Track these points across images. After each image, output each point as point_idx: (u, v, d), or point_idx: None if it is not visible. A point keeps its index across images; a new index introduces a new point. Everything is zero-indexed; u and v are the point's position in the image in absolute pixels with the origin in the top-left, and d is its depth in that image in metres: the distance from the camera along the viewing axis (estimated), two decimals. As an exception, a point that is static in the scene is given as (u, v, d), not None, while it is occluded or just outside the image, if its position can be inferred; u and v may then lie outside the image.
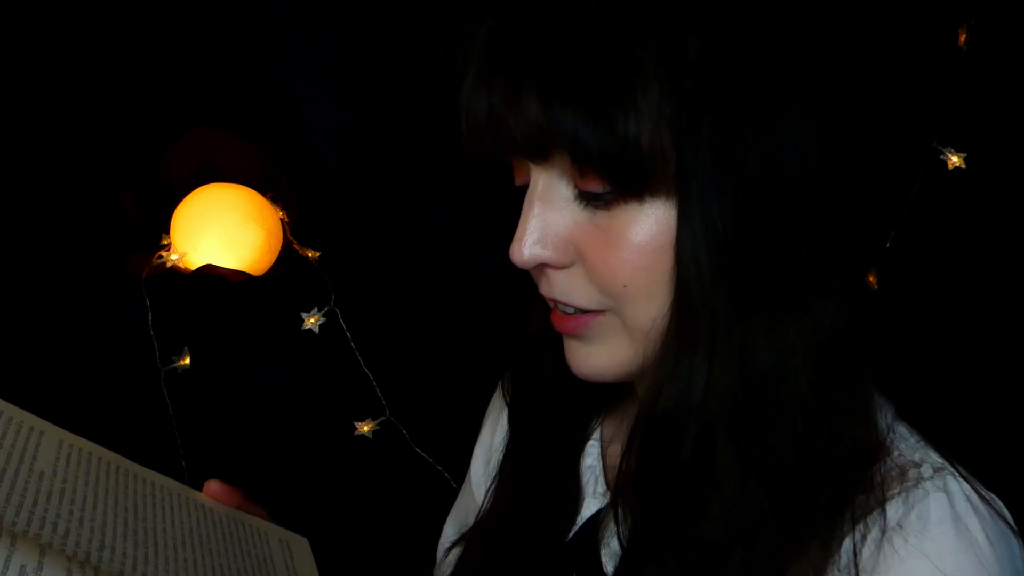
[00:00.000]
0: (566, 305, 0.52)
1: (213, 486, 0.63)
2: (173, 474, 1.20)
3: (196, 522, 0.57)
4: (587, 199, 0.49)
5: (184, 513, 0.57)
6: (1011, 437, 1.21)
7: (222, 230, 1.14)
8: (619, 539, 0.52)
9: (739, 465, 0.48)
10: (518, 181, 0.53)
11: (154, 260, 1.15)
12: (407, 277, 1.25)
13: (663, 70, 0.45)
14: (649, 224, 0.48)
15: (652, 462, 0.51)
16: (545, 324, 0.55)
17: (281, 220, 1.20)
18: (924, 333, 1.21)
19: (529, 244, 0.50)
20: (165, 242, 1.16)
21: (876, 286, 1.22)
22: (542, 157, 0.49)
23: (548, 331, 0.56)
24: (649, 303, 0.49)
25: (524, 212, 0.51)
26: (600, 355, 0.53)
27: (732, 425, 0.48)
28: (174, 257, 1.15)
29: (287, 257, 1.21)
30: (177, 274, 1.15)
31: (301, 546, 0.64)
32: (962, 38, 1.17)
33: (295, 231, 1.21)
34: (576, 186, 0.49)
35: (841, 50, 0.48)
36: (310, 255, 1.22)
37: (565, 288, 0.52)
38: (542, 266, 0.52)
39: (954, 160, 1.18)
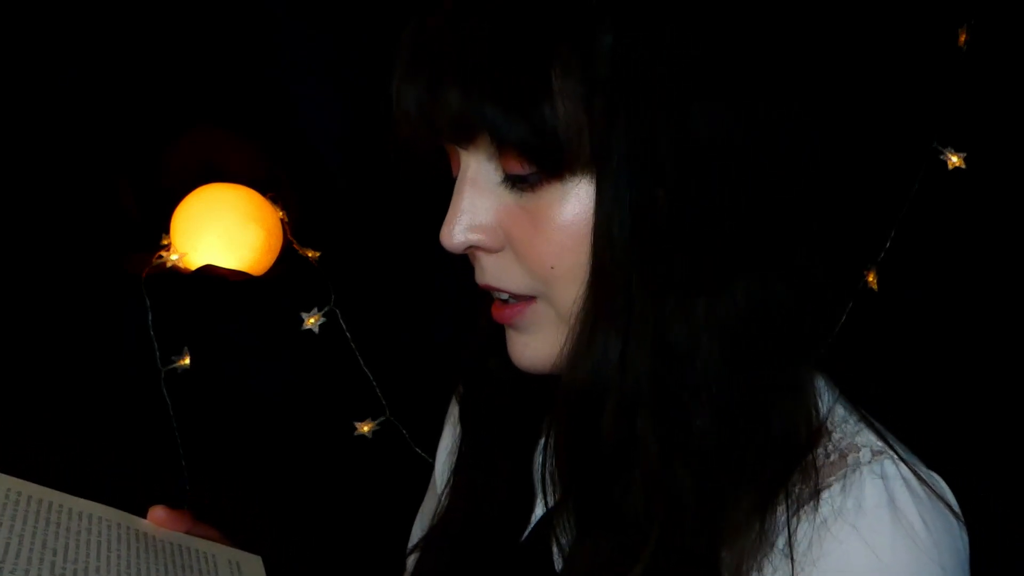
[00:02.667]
0: (499, 291, 0.53)
1: (158, 512, 0.61)
2: (173, 474, 1.21)
3: (135, 554, 0.55)
4: (513, 182, 0.50)
5: (123, 546, 0.55)
6: (1011, 436, 1.21)
7: (222, 230, 1.14)
8: (565, 536, 0.53)
9: (659, 441, 0.48)
10: (455, 172, 0.54)
11: (154, 260, 1.15)
12: (407, 277, 1.25)
13: (577, 56, 0.46)
14: (571, 204, 0.49)
15: (573, 438, 0.51)
16: (494, 323, 0.56)
17: (281, 220, 1.20)
18: (924, 333, 1.21)
19: (459, 229, 0.52)
20: (165, 242, 1.16)
21: (876, 286, 1.22)
22: (467, 142, 0.50)
23: (497, 330, 0.56)
24: (576, 285, 0.50)
25: (454, 197, 0.52)
26: (537, 345, 0.54)
27: (650, 401, 0.48)
28: (174, 257, 1.15)
29: (287, 257, 1.21)
30: (177, 274, 1.15)
31: (252, 566, 0.62)
32: (962, 38, 1.17)
33: (295, 231, 1.21)
34: (503, 170, 0.50)
35: (753, 36, 0.48)
36: (310, 255, 1.22)
37: (497, 273, 0.53)
38: (473, 250, 0.53)
39: (954, 160, 1.18)
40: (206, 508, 1.16)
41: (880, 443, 0.51)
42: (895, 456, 0.50)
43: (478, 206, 0.51)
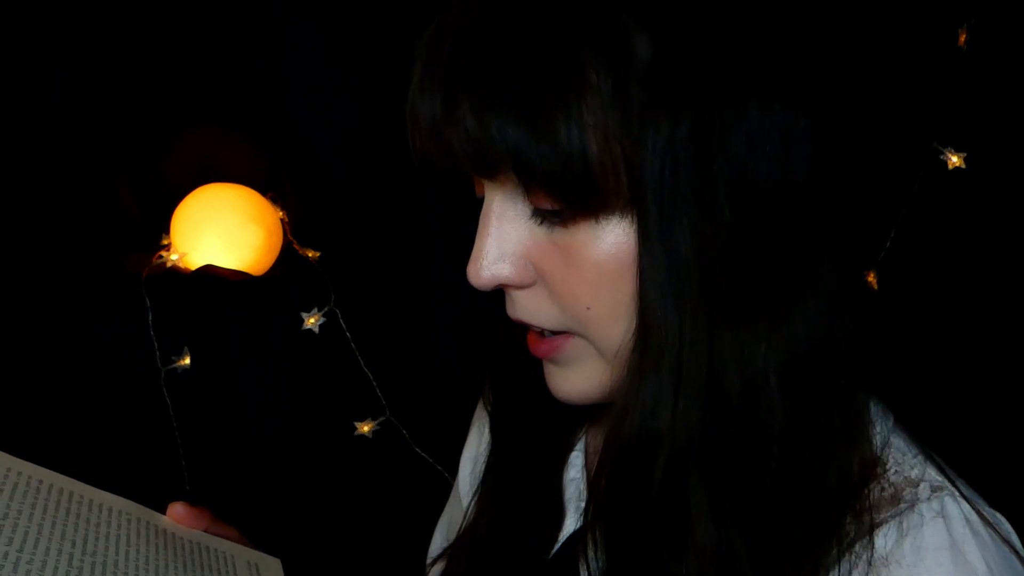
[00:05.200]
0: (533, 326, 0.50)
1: (177, 508, 0.59)
2: (173, 474, 1.20)
3: (154, 550, 0.54)
4: (543, 216, 0.46)
5: (142, 541, 0.54)
6: (1011, 438, 1.21)
7: (222, 230, 1.13)
8: (588, 573, 0.49)
9: (712, 498, 0.45)
10: (479, 192, 0.49)
11: (154, 260, 1.15)
12: (407, 277, 1.25)
13: (608, 76, 0.41)
14: (607, 243, 0.44)
15: (621, 492, 0.47)
16: (525, 331, 0.52)
17: (281, 220, 1.20)
18: (923, 333, 1.21)
19: (487, 264, 0.47)
20: (165, 242, 1.16)
21: (876, 286, 1.22)
22: (488, 175, 0.45)
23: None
24: (615, 325, 0.46)
25: (480, 231, 0.48)
26: (577, 379, 0.50)
27: (702, 456, 0.45)
28: (174, 257, 1.15)
29: (287, 257, 1.21)
30: (177, 274, 1.15)
31: (272, 568, 0.61)
32: (962, 38, 1.17)
33: (295, 231, 1.21)
34: (531, 203, 0.46)
35: (814, 48, 0.44)
36: (310, 255, 1.22)
37: (530, 308, 0.49)
38: (503, 287, 0.49)
39: (954, 160, 1.18)
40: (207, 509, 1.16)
41: (940, 477, 0.47)
42: (956, 493, 0.46)
43: (506, 241, 0.47)
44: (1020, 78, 1.17)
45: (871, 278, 1.21)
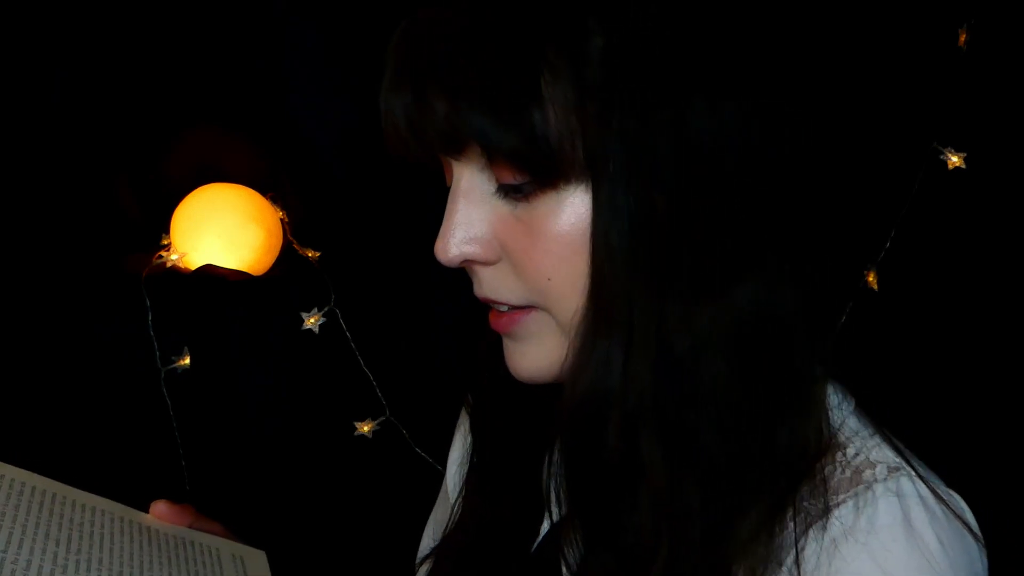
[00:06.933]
0: (497, 303, 0.52)
1: (160, 507, 0.61)
2: (173, 474, 1.20)
3: (139, 547, 0.55)
4: (507, 192, 0.49)
5: (126, 539, 0.55)
6: (1010, 437, 1.21)
7: (222, 230, 1.14)
8: (572, 552, 0.51)
9: (664, 457, 0.47)
10: (448, 181, 0.52)
11: (154, 260, 1.15)
12: (407, 277, 1.25)
13: (566, 60, 0.45)
14: (567, 214, 0.47)
15: (577, 453, 0.50)
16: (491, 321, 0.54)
17: (281, 220, 1.20)
18: (924, 333, 1.21)
19: (455, 242, 0.50)
20: (165, 242, 1.17)
21: (876, 286, 1.22)
22: (457, 153, 0.49)
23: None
24: (575, 296, 0.48)
25: (448, 209, 0.51)
26: (535, 354, 0.52)
27: (655, 414, 0.47)
28: (174, 257, 1.15)
29: (287, 257, 1.21)
30: (177, 274, 1.15)
31: (257, 560, 0.62)
32: (962, 38, 1.17)
33: (295, 231, 1.21)
34: (496, 180, 0.49)
35: (750, 30, 0.47)
36: (310, 255, 1.22)
37: (494, 285, 0.52)
38: (470, 263, 0.52)
39: (954, 160, 1.18)
40: (205, 508, 1.16)
41: (897, 459, 0.49)
42: (912, 473, 0.48)
43: (473, 218, 0.50)
44: (1020, 78, 1.17)
45: (871, 278, 1.21)
